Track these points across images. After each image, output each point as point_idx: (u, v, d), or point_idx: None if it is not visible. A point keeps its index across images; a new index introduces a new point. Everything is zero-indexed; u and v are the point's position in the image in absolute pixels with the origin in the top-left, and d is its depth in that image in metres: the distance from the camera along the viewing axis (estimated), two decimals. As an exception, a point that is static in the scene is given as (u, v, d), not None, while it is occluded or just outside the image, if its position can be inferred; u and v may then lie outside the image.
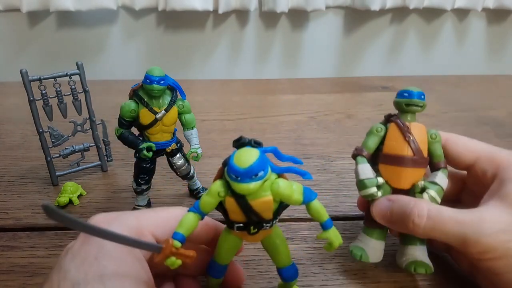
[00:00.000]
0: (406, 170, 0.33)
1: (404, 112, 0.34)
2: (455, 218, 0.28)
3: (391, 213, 0.32)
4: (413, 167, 0.33)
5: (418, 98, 0.34)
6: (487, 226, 0.27)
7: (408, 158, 0.33)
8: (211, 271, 0.31)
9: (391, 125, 0.34)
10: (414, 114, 0.34)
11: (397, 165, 0.33)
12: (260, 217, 0.27)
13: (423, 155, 0.33)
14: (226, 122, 0.73)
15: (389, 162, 0.34)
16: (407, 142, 0.33)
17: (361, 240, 0.35)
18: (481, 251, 0.27)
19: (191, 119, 0.43)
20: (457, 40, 1.16)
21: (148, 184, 0.44)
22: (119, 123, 0.41)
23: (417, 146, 0.33)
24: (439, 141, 0.34)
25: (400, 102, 0.34)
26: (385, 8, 1.03)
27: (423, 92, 0.34)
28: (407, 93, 0.34)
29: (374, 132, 0.35)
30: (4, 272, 0.36)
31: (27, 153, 0.59)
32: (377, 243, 0.35)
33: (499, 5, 1.08)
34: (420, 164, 0.33)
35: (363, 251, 0.34)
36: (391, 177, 0.34)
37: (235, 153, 0.26)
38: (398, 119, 0.34)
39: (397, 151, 0.33)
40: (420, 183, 0.33)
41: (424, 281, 0.35)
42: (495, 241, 0.27)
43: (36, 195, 0.49)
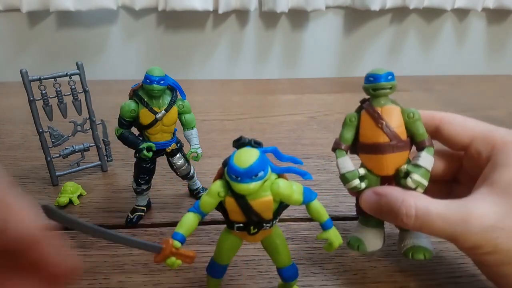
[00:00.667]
0: (386, 156, 0.32)
1: (374, 97, 0.32)
2: (443, 216, 0.28)
3: (379, 208, 0.31)
4: (392, 152, 0.31)
5: (385, 81, 0.31)
6: (475, 224, 0.27)
7: (385, 145, 0.31)
8: (211, 271, 0.31)
9: (362, 113, 0.33)
10: (386, 96, 0.32)
11: (375, 153, 0.32)
12: (260, 217, 0.27)
13: (401, 138, 0.32)
14: (226, 122, 0.73)
15: (367, 151, 0.33)
16: (380, 129, 0.31)
17: (358, 230, 0.35)
18: (471, 247, 0.27)
19: (191, 119, 0.43)
20: (457, 40, 1.16)
21: (148, 184, 0.44)
22: (119, 123, 0.41)
23: (392, 131, 0.31)
24: (418, 119, 0.32)
25: (367, 88, 0.32)
26: (385, 8, 1.03)
27: (390, 72, 0.32)
28: (372, 77, 0.32)
29: (348, 123, 0.33)
30: (4, 272, 0.36)
31: (27, 153, 0.59)
32: (374, 232, 0.34)
33: (499, 5, 1.08)
34: (399, 148, 0.32)
35: (360, 241, 0.34)
36: (373, 166, 0.33)
37: (235, 153, 0.26)
38: (368, 106, 0.32)
39: (373, 139, 0.32)
40: (403, 167, 0.31)
41: (424, 281, 0.35)
42: (483, 238, 0.27)
43: (36, 195, 0.49)
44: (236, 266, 0.37)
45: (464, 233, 0.27)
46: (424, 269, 0.37)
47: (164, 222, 0.44)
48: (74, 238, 0.40)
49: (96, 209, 0.46)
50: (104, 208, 0.46)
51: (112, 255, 0.38)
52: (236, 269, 0.36)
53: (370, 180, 0.33)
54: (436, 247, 0.40)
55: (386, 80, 0.31)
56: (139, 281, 0.35)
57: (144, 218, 0.44)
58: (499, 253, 0.27)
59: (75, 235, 0.41)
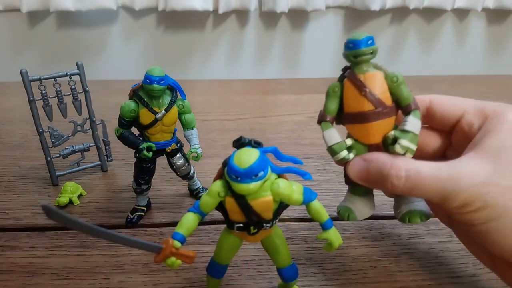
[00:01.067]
0: (372, 125, 0.31)
1: (356, 64, 0.31)
2: (434, 175, 0.28)
3: (367, 174, 0.31)
4: (378, 119, 0.31)
5: (365, 47, 0.30)
6: (465, 181, 0.27)
7: (371, 113, 0.30)
8: (211, 271, 0.31)
9: (345, 82, 0.31)
10: (368, 62, 0.31)
11: (361, 122, 0.31)
12: (260, 217, 0.27)
13: (386, 105, 0.30)
14: (226, 122, 0.73)
15: (353, 121, 0.31)
16: (364, 97, 0.30)
17: (348, 199, 0.34)
18: (460, 205, 0.27)
19: (191, 119, 0.43)
20: (457, 40, 1.16)
21: (148, 184, 0.44)
22: (119, 123, 0.41)
23: (376, 98, 0.30)
24: (402, 82, 0.31)
25: (347, 55, 0.31)
26: (385, 8, 1.03)
27: (370, 37, 0.30)
28: (351, 43, 0.30)
29: (331, 93, 0.32)
30: (4, 272, 0.36)
31: (27, 153, 0.59)
32: (363, 200, 0.34)
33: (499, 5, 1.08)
34: (385, 114, 0.31)
35: (349, 210, 0.33)
36: (360, 135, 0.32)
37: (235, 153, 0.26)
38: (350, 74, 0.31)
39: (357, 108, 0.31)
40: (391, 134, 0.30)
41: (424, 281, 0.35)
42: (473, 194, 0.27)
43: (36, 195, 0.49)
44: (236, 266, 0.37)
45: (455, 191, 0.27)
46: (424, 269, 0.37)
47: (164, 222, 0.44)
48: (74, 238, 0.40)
49: (96, 209, 0.46)
50: (104, 208, 0.46)
51: (112, 255, 0.38)
52: (236, 269, 0.36)
53: (358, 150, 0.32)
54: (436, 247, 0.40)
55: (366, 45, 0.30)
56: (139, 281, 0.35)
57: (144, 218, 0.44)
58: (489, 208, 0.27)
59: (75, 235, 0.41)
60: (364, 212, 0.34)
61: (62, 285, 0.35)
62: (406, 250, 0.39)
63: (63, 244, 0.40)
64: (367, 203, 0.34)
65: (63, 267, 0.37)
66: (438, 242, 0.41)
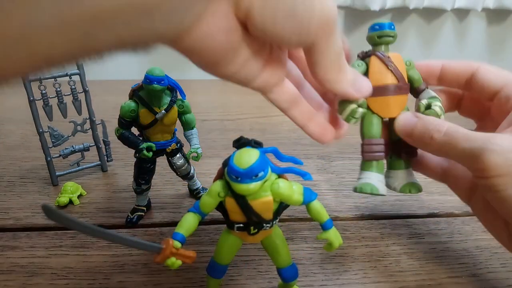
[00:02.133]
0: (392, 98, 0.34)
1: (378, 44, 0.35)
2: (468, 135, 0.29)
3: (414, 128, 0.32)
4: (398, 94, 0.34)
5: (389, 29, 0.34)
6: (495, 142, 0.28)
7: (393, 86, 0.34)
8: (211, 271, 0.31)
9: (371, 58, 0.34)
10: (387, 45, 0.35)
11: (384, 95, 0.34)
12: (260, 217, 0.27)
13: (405, 81, 0.34)
14: (226, 122, 0.73)
15: (376, 94, 0.33)
16: (390, 71, 0.33)
17: (364, 177, 0.35)
18: (485, 167, 0.28)
19: (191, 119, 0.43)
20: (457, 40, 1.16)
21: (148, 184, 0.44)
22: (119, 123, 0.41)
23: (399, 73, 0.34)
24: (413, 67, 0.35)
25: (372, 36, 0.35)
26: (385, 8, 1.03)
27: (392, 23, 0.35)
28: (378, 25, 0.34)
29: (355, 67, 0.34)
30: (4, 272, 0.36)
31: (27, 153, 0.59)
32: (379, 176, 0.35)
33: (499, 5, 1.08)
34: (404, 90, 0.34)
35: (371, 185, 0.34)
36: (380, 109, 0.34)
37: (235, 154, 0.26)
38: (377, 52, 0.34)
39: (383, 81, 0.34)
40: (423, 101, 0.34)
41: (424, 281, 0.35)
42: (499, 158, 0.27)
43: (36, 195, 0.49)
44: (236, 266, 0.37)
45: (483, 150, 0.28)
46: (424, 269, 0.37)
47: (164, 222, 0.44)
48: (74, 238, 0.41)
49: (96, 209, 0.46)
50: (104, 208, 0.46)
51: (112, 255, 0.38)
52: (236, 269, 0.36)
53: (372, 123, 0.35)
54: (436, 247, 0.40)
55: (390, 28, 0.34)
56: (139, 281, 0.35)
57: (144, 218, 0.44)
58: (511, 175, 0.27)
59: (75, 235, 0.41)
60: (383, 187, 0.34)
61: (62, 285, 0.35)
62: (406, 250, 0.39)
63: (63, 244, 0.40)
64: (381, 179, 0.35)
65: (63, 267, 0.37)
66: (438, 242, 0.41)
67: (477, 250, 0.39)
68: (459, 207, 0.46)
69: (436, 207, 0.47)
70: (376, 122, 0.34)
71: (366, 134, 0.35)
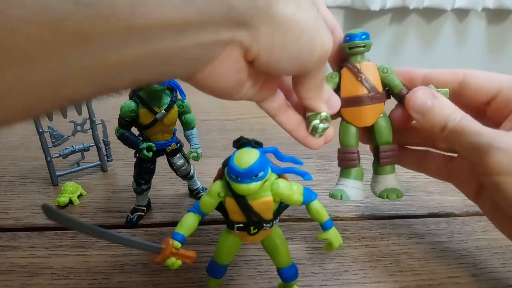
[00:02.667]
0: (365, 108, 0.35)
1: (351, 55, 0.35)
2: (478, 129, 0.29)
3: (431, 108, 0.32)
4: (371, 103, 0.35)
5: (359, 40, 0.34)
6: (504, 140, 0.27)
7: (365, 97, 0.34)
8: (211, 271, 0.31)
9: (343, 70, 0.35)
10: (362, 54, 0.35)
11: (356, 106, 0.35)
12: (260, 217, 0.27)
13: (378, 90, 0.34)
14: (226, 122, 0.73)
15: (348, 105, 0.35)
16: (360, 82, 0.34)
17: (340, 183, 0.37)
18: (490, 164, 0.28)
19: (191, 119, 0.43)
20: (457, 40, 1.16)
21: (148, 184, 0.44)
22: (119, 123, 0.41)
23: (370, 84, 0.34)
24: (392, 72, 0.35)
25: (344, 47, 0.35)
26: (385, 8, 1.03)
27: (365, 32, 0.35)
28: (348, 36, 0.34)
29: (329, 79, 0.35)
30: (4, 272, 0.36)
31: (27, 153, 0.59)
32: (355, 183, 0.36)
33: (499, 5, 1.08)
34: (377, 99, 0.35)
35: (342, 191, 0.35)
36: (354, 119, 0.36)
37: (235, 154, 0.26)
38: (348, 63, 0.35)
39: (353, 92, 0.34)
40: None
41: (424, 281, 0.35)
42: (506, 157, 0.27)
43: (36, 195, 0.49)
44: (236, 266, 0.37)
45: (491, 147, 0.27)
46: (424, 269, 0.37)
47: (164, 222, 0.44)
48: (74, 238, 0.41)
49: (96, 209, 0.46)
50: (104, 208, 0.46)
51: (112, 255, 0.38)
52: (236, 269, 0.36)
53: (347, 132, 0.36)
54: (436, 247, 0.40)
55: (360, 39, 0.34)
56: (139, 281, 0.35)
57: (144, 218, 0.44)
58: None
59: (75, 235, 0.41)
60: (357, 194, 0.36)
61: (62, 285, 0.35)
62: (406, 250, 0.39)
63: (63, 244, 0.40)
64: (358, 186, 0.36)
65: (63, 267, 0.37)
66: (438, 242, 0.41)
67: (477, 250, 0.39)
68: (459, 207, 0.46)
69: (436, 207, 0.47)
70: (351, 131, 0.36)
71: (341, 143, 0.37)
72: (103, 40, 0.15)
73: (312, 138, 0.32)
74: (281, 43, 0.22)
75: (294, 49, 0.23)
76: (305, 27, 0.22)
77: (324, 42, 0.24)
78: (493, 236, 0.41)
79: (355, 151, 0.36)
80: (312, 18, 0.23)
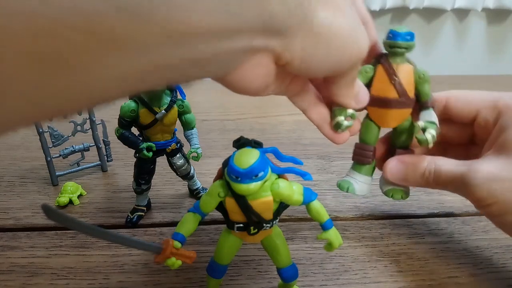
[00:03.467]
0: (392, 111, 0.34)
1: (391, 54, 0.33)
2: (453, 172, 0.31)
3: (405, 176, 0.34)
4: (398, 108, 0.34)
5: (401, 40, 0.32)
6: (475, 177, 0.29)
7: (394, 100, 0.33)
8: (211, 271, 0.31)
9: (378, 67, 0.34)
10: (402, 55, 0.33)
11: (383, 107, 0.34)
12: (260, 217, 0.27)
13: (409, 96, 0.33)
14: (226, 122, 0.73)
15: (375, 104, 0.34)
16: (392, 85, 0.33)
17: (349, 175, 0.37)
18: (475, 199, 0.30)
19: (191, 119, 0.43)
20: (457, 40, 1.16)
21: (148, 184, 0.44)
22: (119, 123, 0.41)
23: (402, 88, 0.33)
24: (427, 80, 0.34)
25: (384, 43, 0.33)
26: (385, 8, 1.03)
27: (410, 32, 0.33)
28: (392, 33, 0.33)
29: (362, 73, 0.34)
30: (4, 272, 0.36)
31: (27, 153, 0.59)
32: (364, 178, 0.36)
33: (499, 5, 1.08)
34: (405, 105, 0.34)
35: (350, 184, 0.36)
36: (378, 118, 0.35)
37: (235, 154, 0.26)
38: (385, 62, 0.34)
39: (384, 93, 0.33)
40: (420, 124, 0.32)
41: (424, 281, 0.35)
42: (483, 191, 0.29)
43: (36, 195, 0.49)
44: (236, 266, 0.37)
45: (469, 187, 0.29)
46: (424, 269, 0.37)
47: (164, 222, 0.44)
48: (74, 238, 0.41)
49: (96, 209, 0.46)
50: (104, 208, 0.46)
51: (112, 255, 0.38)
52: (236, 269, 0.36)
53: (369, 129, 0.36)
54: (435, 247, 0.40)
55: (404, 39, 0.32)
56: (139, 281, 0.35)
57: (144, 218, 0.44)
58: (500, 203, 0.29)
59: (75, 235, 0.41)
60: (363, 188, 0.37)
61: (62, 285, 0.35)
62: (406, 250, 0.39)
63: (63, 244, 0.40)
64: (366, 181, 0.37)
65: (63, 267, 0.37)
66: (438, 242, 0.41)
67: (477, 250, 0.39)
68: (459, 207, 0.46)
69: (436, 207, 0.47)
70: (373, 129, 0.35)
71: (360, 139, 0.36)
72: (139, 45, 0.15)
73: (338, 135, 0.32)
74: (316, 51, 0.21)
75: (330, 56, 0.22)
76: (342, 33, 0.22)
77: (361, 46, 0.23)
78: (493, 236, 0.41)
79: (372, 149, 0.36)
80: (350, 23, 0.22)
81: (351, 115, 0.31)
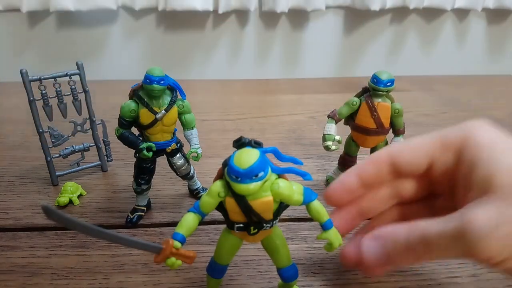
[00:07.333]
0: (370, 137, 0.46)
1: (373, 94, 0.44)
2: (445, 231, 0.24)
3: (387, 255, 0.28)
4: (376, 135, 0.46)
5: (383, 87, 0.42)
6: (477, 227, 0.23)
7: (373, 130, 0.45)
8: (211, 271, 0.31)
9: (363, 103, 0.45)
10: (383, 96, 0.44)
11: (364, 134, 0.46)
12: (260, 217, 0.27)
13: (385, 127, 0.45)
14: (226, 122, 0.73)
15: (358, 131, 0.46)
16: (373, 119, 0.44)
17: (336, 173, 0.50)
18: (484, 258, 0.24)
19: (191, 119, 0.43)
20: (457, 40, 1.16)
21: (148, 184, 0.44)
22: (119, 123, 0.41)
23: (380, 121, 0.44)
24: (401, 114, 0.45)
25: (369, 85, 0.44)
26: (385, 8, 1.03)
27: (391, 79, 0.42)
28: (375, 79, 0.43)
29: (350, 105, 0.46)
30: (4, 272, 0.36)
31: (27, 153, 0.59)
32: None
33: (499, 5, 1.08)
34: (381, 133, 0.45)
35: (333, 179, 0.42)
36: (360, 141, 0.47)
37: (235, 154, 0.26)
38: (369, 99, 0.44)
39: (365, 124, 0.45)
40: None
41: (424, 281, 0.35)
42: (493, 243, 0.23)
43: (36, 195, 0.49)
44: (236, 266, 0.37)
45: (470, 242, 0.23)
46: (424, 269, 0.37)
47: (164, 222, 0.44)
48: (74, 238, 0.41)
49: (96, 209, 0.46)
50: (104, 208, 0.46)
51: (112, 255, 0.38)
52: (236, 269, 0.36)
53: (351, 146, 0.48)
54: (436, 247, 0.40)
55: (385, 86, 0.43)
56: (139, 281, 0.35)
57: (144, 218, 0.44)
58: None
59: (75, 235, 0.41)
60: None
61: (62, 285, 0.35)
62: (406, 250, 0.39)
63: (63, 244, 0.40)
64: None
65: (63, 267, 0.37)
66: (438, 242, 0.40)
67: (477, 250, 0.39)
68: (459, 207, 0.46)
69: (436, 207, 0.47)
70: (354, 146, 0.48)
71: (345, 151, 0.50)
72: None
73: None
74: None
75: None
76: None
77: None
78: None
79: (353, 159, 0.49)
80: None
81: (338, 140, 0.45)
